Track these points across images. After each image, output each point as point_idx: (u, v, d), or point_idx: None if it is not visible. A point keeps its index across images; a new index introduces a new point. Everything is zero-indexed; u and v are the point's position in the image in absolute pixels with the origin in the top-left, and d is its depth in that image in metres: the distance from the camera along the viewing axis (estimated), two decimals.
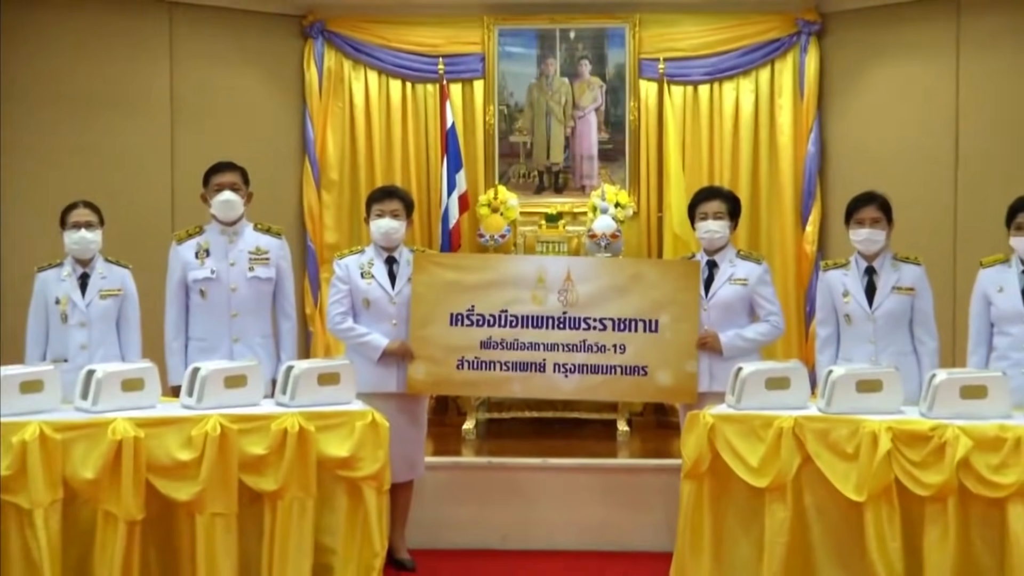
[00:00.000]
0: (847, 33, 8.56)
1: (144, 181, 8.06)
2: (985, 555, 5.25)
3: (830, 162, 8.61)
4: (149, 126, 8.20)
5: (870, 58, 8.46)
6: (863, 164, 8.26)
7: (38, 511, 5.22)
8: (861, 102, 8.51)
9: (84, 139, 7.92)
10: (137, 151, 8.11)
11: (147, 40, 8.20)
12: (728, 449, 5.53)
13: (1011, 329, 5.76)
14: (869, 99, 8.48)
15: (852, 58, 8.54)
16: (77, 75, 7.93)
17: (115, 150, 8.02)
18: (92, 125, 7.97)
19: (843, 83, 8.59)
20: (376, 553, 5.61)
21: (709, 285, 6.13)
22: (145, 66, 8.20)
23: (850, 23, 8.54)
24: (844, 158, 8.55)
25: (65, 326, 6.09)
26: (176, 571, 5.56)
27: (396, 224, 6.16)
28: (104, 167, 7.82)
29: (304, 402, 5.67)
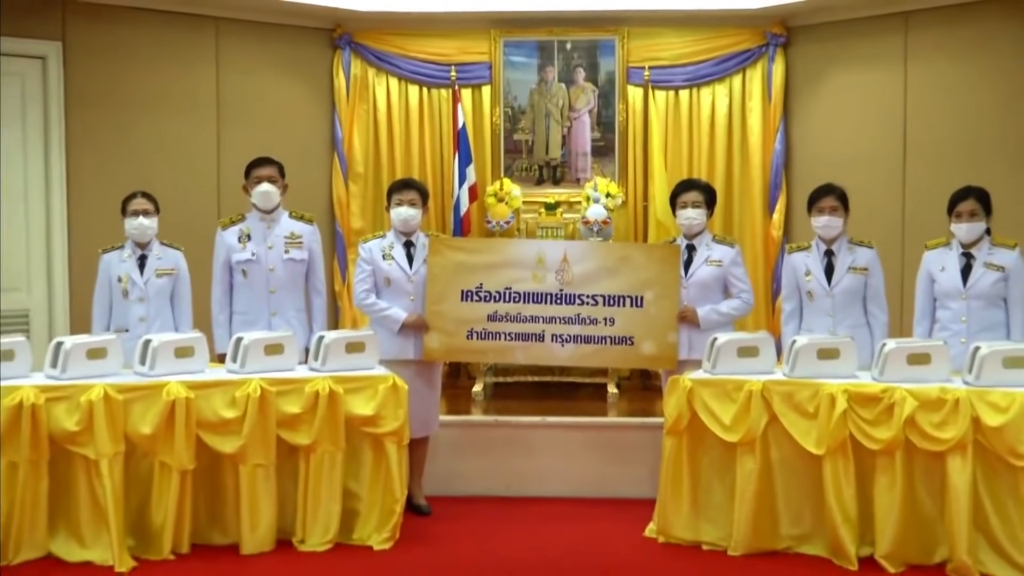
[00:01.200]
0: (809, 45, 8.54)
1: (194, 174, 8.05)
2: (927, 501, 5.29)
3: (794, 158, 8.58)
4: (198, 125, 8.18)
5: (829, 67, 8.44)
6: (823, 160, 8.24)
7: (103, 461, 5.26)
8: (821, 106, 8.49)
9: (141, 137, 7.90)
10: (187, 147, 8.10)
11: (196, 50, 8.18)
12: (704, 409, 5.56)
13: (951, 304, 5.79)
14: (828, 103, 8.45)
15: (814, 67, 8.52)
16: (135, 81, 7.91)
17: (168, 147, 8.00)
18: (148, 125, 7.95)
19: (806, 89, 8.56)
20: (397, 499, 5.65)
21: (688, 266, 6.14)
22: (194, 73, 8.18)
23: (812, 36, 8.52)
24: (806, 155, 8.53)
25: (126, 301, 6.11)
26: (222, 515, 5.60)
27: (413, 212, 6.16)
28: (159, 161, 7.81)
29: (334, 367, 5.70)
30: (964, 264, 5.76)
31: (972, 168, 6.88)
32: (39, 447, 5.24)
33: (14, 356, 5.48)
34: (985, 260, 5.73)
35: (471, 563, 5.41)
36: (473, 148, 8.68)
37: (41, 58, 7.59)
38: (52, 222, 7.63)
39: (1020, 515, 5.09)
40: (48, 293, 7.62)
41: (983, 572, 5.11)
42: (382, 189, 7.74)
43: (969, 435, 5.11)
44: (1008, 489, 5.13)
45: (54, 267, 7.64)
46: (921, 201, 7.63)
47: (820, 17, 8.37)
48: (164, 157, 7.91)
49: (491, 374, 8.00)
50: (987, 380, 5.23)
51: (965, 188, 5.79)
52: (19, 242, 7.56)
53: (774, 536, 5.52)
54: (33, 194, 7.61)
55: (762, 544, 5.49)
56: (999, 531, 5.14)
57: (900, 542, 5.25)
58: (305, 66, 8.69)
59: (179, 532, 5.42)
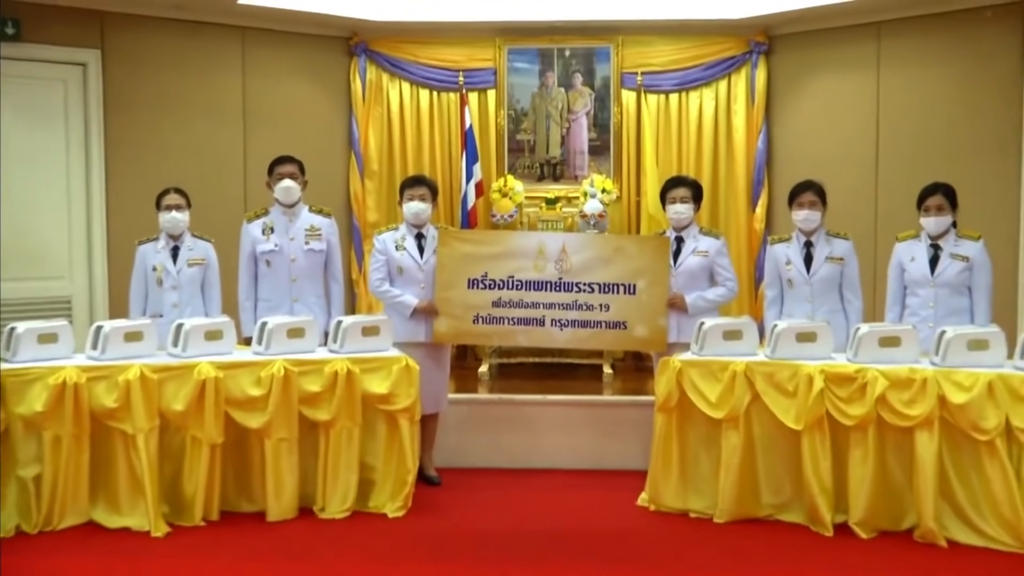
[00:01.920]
0: (789, 52, 8.51)
1: (222, 171, 8.04)
2: (897, 472, 5.31)
3: (775, 157, 8.56)
4: (225, 126, 8.17)
5: (808, 72, 8.42)
6: (802, 158, 8.22)
7: (139, 436, 5.28)
8: (801, 108, 8.47)
9: (174, 137, 7.89)
10: (216, 147, 8.09)
11: (224, 58, 8.17)
12: (692, 388, 5.57)
13: (920, 291, 5.80)
14: (807, 106, 8.43)
15: (794, 73, 8.49)
16: (168, 86, 7.89)
17: (198, 146, 7.99)
18: (180, 126, 7.94)
19: (786, 93, 8.53)
20: (409, 470, 5.66)
21: (677, 256, 6.14)
22: (222, 78, 8.17)
23: (792, 44, 8.49)
24: (787, 153, 8.50)
25: (160, 288, 6.11)
26: (249, 484, 5.62)
27: (424, 206, 6.16)
28: (190, 160, 7.79)
29: (351, 349, 5.71)
30: (932, 255, 5.75)
31: (940, 166, 6.85)
32: (81, 423, 5.26)
33: (57, 339, 5.51)
34: (951, 251, 5.72)
35: (478, 530, 5.42)
36: (479, 147, 8.66)
37: (82, 65, 7.59)
38: (92, 215, 7.64)
39: (982, 485, 5.10)
40: (89, 281, 7.63)
41: (948, 538, 5.13)
42: (395, 185, 7.72)
43: (936, 412, 5.13)
44: (971, 461, 5.15)
45: (94, 257, 7.64)
46: (893, 196, 7.60)
47: (799, 26, 8.34)
48: (195, 156, 7.89)
49: (496, 356, 7.99)
50: (952, 361, 5.24)
51: (933, 184, 5.79)
52: (62, 234, 7.56)
53: (756, 505, 5.53)
54: (75, 190, 7.61)
55: (745, 512, 5.50)
56: (963, 500, 5.16)
57: (872, 510, 5.26)
58: (324, 72, 8.68)
59: (209, 500, 5.44)
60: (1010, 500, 5.00)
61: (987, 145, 7.42)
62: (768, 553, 5.08)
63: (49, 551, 5.03)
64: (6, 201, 7.30)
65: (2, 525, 5.18)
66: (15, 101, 7.33)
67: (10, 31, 7.18)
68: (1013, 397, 5.05)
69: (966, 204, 5.91)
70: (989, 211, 7.06)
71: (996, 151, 7.37)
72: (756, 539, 5.27)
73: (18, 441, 5.27)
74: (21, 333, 5.40)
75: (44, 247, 7.51)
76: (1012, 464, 5.03)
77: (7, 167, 7.30)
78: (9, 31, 7.17)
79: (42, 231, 7.49)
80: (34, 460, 5.27)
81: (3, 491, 5.26)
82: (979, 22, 7.43)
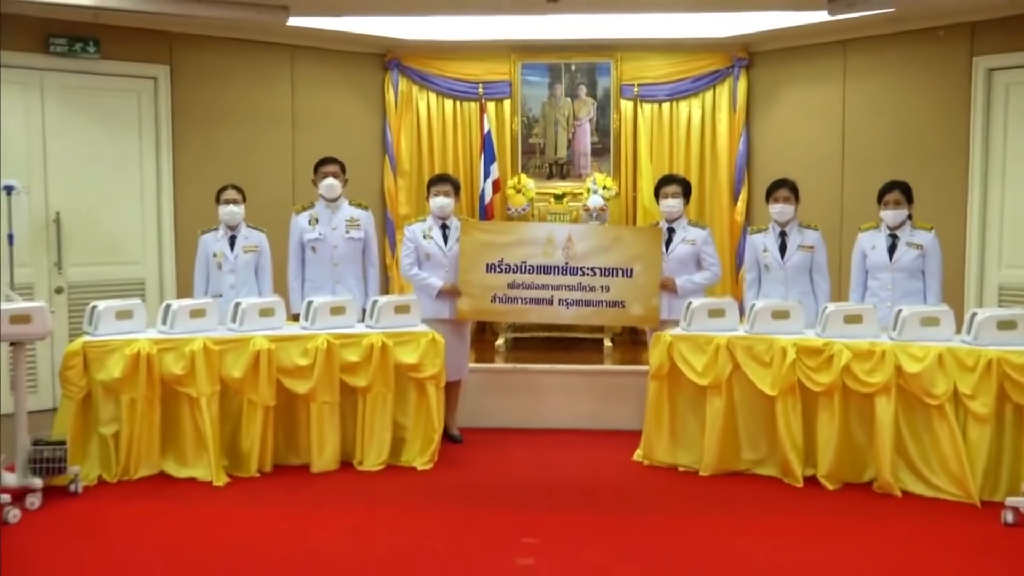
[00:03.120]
0: (767, 67, 8.45)
1: (273, 170, 8.01)
2: (859, 432, 5.31)
3: (754, 158, 8.51)
4: (276, 132, 8.15)
5: (783, 84, 8.35)
6: (777, 159, 8.17)
7: (203, 399, 5.32)
8: (776, 116, 8.41)
9: (231, 141, 7.87)
10: (268, 149, 8.07)
11: (275, 72, 8.14)
12: (681, 359, 5.57)
13: (879, 275, 5.78)
14: (782, 114, 8.37)
15: (770, 84, 8.43)
16: (226, 96, 7.88)
17: (253, 148, 7.97)
18: (237, 131, 7.92)
19: (764, 102, 8.48)
20: (435, 429, 5.69)
21: (668, 244, 6.11)
22: (274, 90, 8.15)
23: (769, 59, 8.43)
24: (764, 155, 8.45)
25: (220, 272, 6.12)
26: (297, 441, 5.65)
27: (448, 201, 6.16)
28: (245, 160, 7.77)
29: (385, 325, 5.72)
30: (890, 243, 5.72)
31: (897, 166, 6.81)
32: (152, 387, 5.30)
33: (132, 315, 5.55)
34: (907, 240, 5.70)
35: (495, 481, 5.44)
36: (496, 149, 8.63)
37: (153, 79, 7.57)
38: (162, 208, 7.63)
39: (933, 444, 5.10)
40: (159, 265, 7.64)
41: (903, 489, 5.13)
42: (423, 182, 7.68)
43: (893, 380, 5.13)
44: (923, 423, 5.14)
45: (163, 244, 7.64)
46: (856, 192, 7.57)
47: (775, 44, 8.29)
48: (249, 157, 7.87)
49: (510, 330, 7.98)
50: (908, 336, 5.23)
51: (891, 182, 5.77)
52: (136, 226, 7.57)
53: (736, 460, 5.54)
54: (147, 187, 7.61)
55: (726, 466, 5.51)
56: (915, 456, 5.16)
57: (837, 465, 5.27)
58: (362, 84, 8.64)
59: (263, 455, 5.47)
60: (956, 456, 4.99)
61: (938, 148, 7.36)
62: (746, 501, 5.07)
63: (127, 497, 5.07)
64: (90, 196, 7.32)
65: (86, 474, 5.23)
66: (96, 110, 7.35)
67: (92, 50, 7.18)
68: (960, 367, 5.04)
69: (920, 199, 5.89)
70: (940, 205, 7.02)
71: (946, 153, 7.31)
72: (736, 489, 5.28)
73: (99, 403, 5.31)
74: (101, 310, 5.44)
75: (121, 236, 7.51)
76: (958, 425, 5.02)
77: (90, 168, 7.32)
78: (91, 50, 7.18)
79: (119, 222, 7.50)
80: (113, 419, 5.31)
81: (87, 446, 5.32)
82: (932, 41, 7.38)
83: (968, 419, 5.03)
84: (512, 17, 7.80)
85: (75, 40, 7.14)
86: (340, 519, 4.78)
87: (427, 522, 4.73)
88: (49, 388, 7.01)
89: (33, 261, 7.05)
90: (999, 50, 7.06)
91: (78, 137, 7.28)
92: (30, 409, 5.27)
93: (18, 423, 5.05)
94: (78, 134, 7.28)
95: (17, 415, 5.07)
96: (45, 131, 7.16)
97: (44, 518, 4.75)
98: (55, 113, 7.19)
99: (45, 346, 6.95)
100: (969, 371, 5.01)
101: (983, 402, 4.97)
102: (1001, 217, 7.14)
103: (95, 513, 4.84)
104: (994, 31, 7.05)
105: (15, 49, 6.92)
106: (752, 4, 7.24)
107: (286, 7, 7.08)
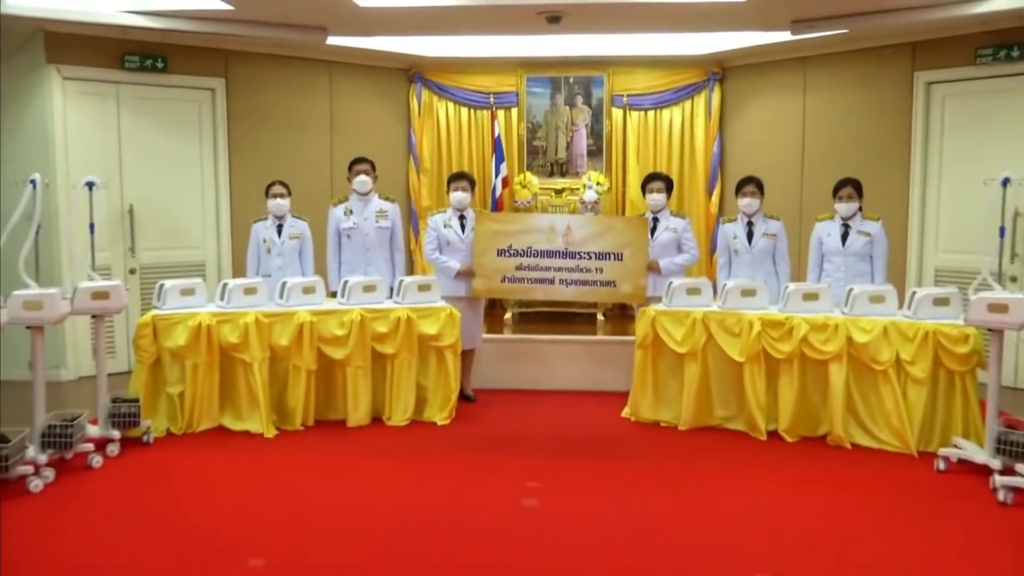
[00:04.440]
0: (738, 79, 8.40)
1: (314, 168, 8.00)
2: (814, 393, 5.30)
3: (726, 158, 8.47)
4: (316, 135, 8.13)
5: (751, 95, 8.31)
6: (746, 159, 8.14)
7: (255, 363, 5.33)
8: (746, 121, 8.37)
9: (279, 143, 7.86)
10: (309, 150, 8.05)
11: (315, 84, 8.12)
12: (663, 330, 5.56)
13: (833, 259, 5.75)
14: (751, 120, 8.33)
15: (740, 95, 8.39)
16: (274, 105, 7.86)
17: (297, 149, 7.95)
18: (283, 134, 7.91)
19: (735, 110, 8.44)
20: (452, 390, 5.69)
21: (653, 232, 6.08)
22: (314, 99, 8.12)
23: (740, 73, 8.39)
24: (735, 156, 8.41)
25: (269, 256, 6.11)
26: (334, 400, 5.65)
27: (465, 195, 6.12)
28: (290, 159, 7.75)
29: (410, 301, 5.71)
30: (843, 232, 5.69)
31: (849, 165, 6.77)
32: (212, 353, 5.31)
33: (194, 292, 5.55)
34: (858, 229, 5.66)
35: (503, 434, 5.44)
36: (505, 151, 8.62)
37: (211, 90, 7.55)
38: (219, 202, 7.63)
39: (878, 403, 5.10)
40: (217, 249, 7.64)
41: (852, 442, 5.13)
42: (443, 179, 7.69)
43: (844, 349, 5.11)
44: (870, 385, 5.13)
45: (221, 232, 7.64)
46: (813, 188, 7.55)
47: (745, 60, 8.23)
48: (294, 156, 7.85)
49: (517, 306, 7.97)
50: (857, 311, 5.22)
51: (844, 178, 5.73)
52: (197, 216, 7.57)
53: (709, 416, 5.53)
54: (207, 183, 7.60)
55: (701, 422, 5.51)
56: (863, 413, 5.16)
57: (795, 421, 5.26)
58: (389, 94, 8.61)
59: (306, 411, 5.48)
60: (898, 414, 4.99)
61: (885, 149, 7.33)
62: (718, 452, 5.08)
63: (190, 447, 5.09)
64: (158, 191, 7.32)
65: (156, 427, 5.25)
66: (163, 117, 7.33)
67: (160, 66, 7.17)
68: (902, 338, 5.02)
69: (869, 194, 5.85)
70: (885, 199, 6.98)
71: (891, 154, 7.28)
72: (709, 441, 5.28)
73: (167, 367, 5.32)
74: (168, 288, 5.45)
75: (185, 225, 7.51)
76: (899, 387, 5.02)
77: (158, 166, 7.32)
78: (159, 66, 7.17)
79: (183, 213, 7.50)
80: (178, 381, 5.32)
81: (156, 403, 5.33)
82: (879, 58, 7.34)
83: (908, 382, 5.02)
84: (519, 37, 7.76)
85: (146, 57, 7.14)
86: (371, 465, 4.79)
87: (445, 469, 4.74)
88: (125, 354, 7.04)
89: (111, 246, 7.06)
90: (937, 66, 7.03)
91: (148, 140, 7.28)
92: (109, 372, 5.32)
93: (99, 384, 5.09)
94: (148, 138, 7.28)
95: (98, 377, 5.11)
96: (120, 135, 7.16)
97: (121, 464, 4.77)
98: (129, 120, 7.19)
99: (121, 319, 7.00)
100: (909, 341, 5.00)
101: (921, 368, 4.95)
102: (938, 209, 7.12)
103: (164, 460, 4.86)
104: (932, 50, 7.02)
105: (96, 65, 6.96)
106: (725, 25, 7.19)
107: (325, 28, 7.05)
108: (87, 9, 6.39)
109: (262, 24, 6.85)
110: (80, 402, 5.88)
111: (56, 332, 6.65)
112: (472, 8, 6.23)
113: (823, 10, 6.54)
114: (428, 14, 6.43)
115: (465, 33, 7.55)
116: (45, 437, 4.53)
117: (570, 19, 6.59)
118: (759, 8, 6.28)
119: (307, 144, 8.09)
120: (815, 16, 6.68)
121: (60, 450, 4.56)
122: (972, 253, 6.58)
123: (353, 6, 6.20)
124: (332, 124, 8.26)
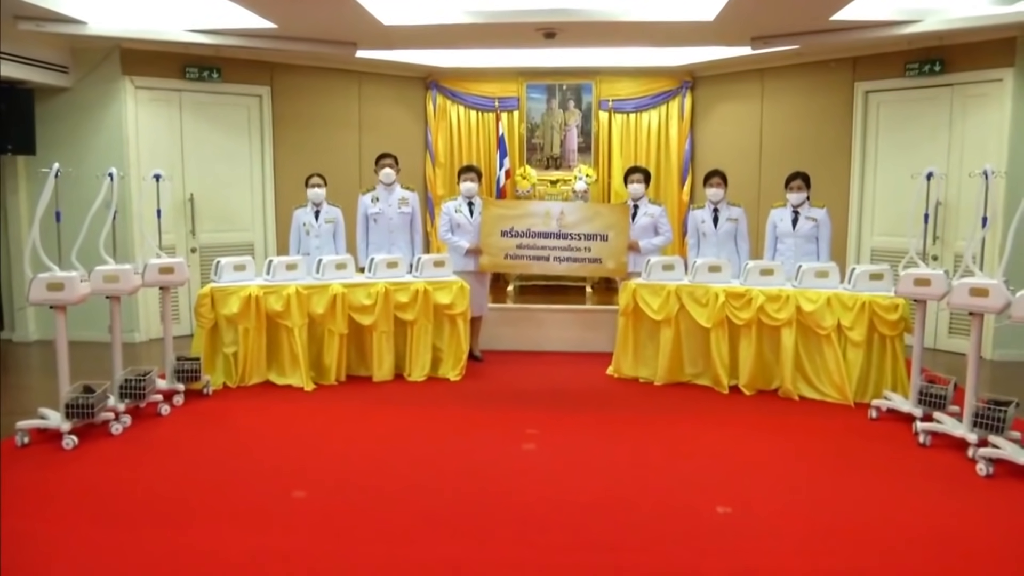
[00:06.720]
0: (706, 87, 8.31)
1: (345, 162, 7.94)
2: (769, 354, 5.28)
3: (696, 154, 8.40)
4: (347, 134, 8.06)
5: (718, 101, 8.23)
6: (713, 155, 8.06)
7: (296, 328, 5.32)
8: (712, 124, 8.29)
9: (315, 141, 7.79)
10: (341, 146, 7.97)
11: (346, 90, 8.03)
12: (642, 300, 5.53)
13: (786, 240, 5.70)
14: (717, 122, 8.26)
15: (708, 100, 8.31)
16: (312, 109, 7.79)
17: (331, 147, 7.87)
18: (319, 134, 7.84)
19: (704, 113, 8.36)
20: (463, 351, 5.68)
21: (634, 217, 6.03)
22: (345, 104, 8.04)
23: (708, 82, 8.29)
24: (703, 152, 8.34)
25: (308, 237, 6.06)
26: (364, 359, 5.63)
27: (473, 185, 6.08)
28: (325, 155, 7.70)
29: (427, 275, 5.68)
30: (794, 217, 5.64)
31: (799, 160, 6.72)
32: (260, 320, 5.29)
33: (245, 268, 5.52)
34: (806, 215, 5.61)
35: (507, 388, 5.43)
36: (508, 147, 8.55)
37: (258, 96, 7.49)
38: (266, 191, 7.58)
39: (821, 362, 5.09)
40: (264, 232, 7.61)
41: (799, 394, 5.12)
42: (454, 171, 7.61)
43: (794, 316, 5.10)
44: (815, 347, 5.12)
45: (267, 217, 7.60)
46: (769, 181, 7.48)
47: (713, 71, 8.15)
48: (328, 152, 7.79)
49: (518, 280, 7.92)
50: (805, 284, 5.19)
51: (795, 172, 5.68)
52: (247, 203, 7.52)
53: (681, 373, 5.51)
54: (255, 175, 7.56)
55: (674, 378, 5.50)
56: (809, 371, 5.14)
57: (753, 377, 5.25)
58: (409, 99, 8.53)
59: (339, 368, 5.47)
60: (839, 371, 4.99)
61: (829, 147, 7.27)
62: (688, 403, 5.07)
63: (243, 398, 5.09)
64: (214, 182, 7.28)
65: (214, 381, 5.26)
66: (218, 119, 7.28)
67: (215, 76, 7.11)
68: (843, 307, 5.01)
69: (816, 185, 5.81)
70: (830, 189, 6.95)
71: (835, 151, 7.23)
72: (680, 395, 5.28)
73: (223, 330, 5.31)
74: (223, 264, 5.42)
75: (237, 211, 7.47)
76: (840, 349, 5.01)
77: (214, 161, 7.28)
78: (215, 76, 7.11)
79: (236, 201, 7.46)
80: (232, 342, 5.31)
81: (214, 361, 5.33)
82: (826, 70, 7.27)
83: (847, 344, 5.01)
84: (519, 50, 7.69)
85: (203, 68, 7.08)
86: (394, 413, 4.79)
87: (457, 418, 4.73)
88: (187, 320, 7.03)
89: (175, 229, 7.03)
90: (874, 77, 6.98)
91: (205, 139, 7.23)
92: (174, 335, 5.31)
93: (166, 345, 5.10)
94: (205, 137, 7.23)
95: (165, 339, 5.12)
96: (182, 135, 7.12)
97: (186, 411, 4.78)
98: (189, 122, 7.15)
99: (184, 290, 6.99)
100: (849, 310, 4.98)
101: (858, 332, 4.94)
102: (874, 198, 7.09)
103: (221, 408, 4.87)
104: (870, 63, 6.97)
105: (162, 76, 6.94)
106: (695, 41, 7.11)
107: (355, 43, 6.97)
108: (156, 29, 6.41)
109: (302, 40, 6.79)
110: (151, 360, 5.90)
111: (130, 301, 6.65)
112: (480, 25, 6.17)
113: (778, 29, 6.49)
114: (442, 31, 6.38)
115: (474, 47, 7.47)
116: (123, 389, 4.55)
117: (564, 35, 6.52)
118: (724, 27, 6.23)
119: (339, 142, 8.02)
120: (771, 34, 6.62)
121: (135, 400, 4.58)
122: (902, 236, 6.60)
123: (379, 24, 6.14)
124: (360, 125, 8.19)
